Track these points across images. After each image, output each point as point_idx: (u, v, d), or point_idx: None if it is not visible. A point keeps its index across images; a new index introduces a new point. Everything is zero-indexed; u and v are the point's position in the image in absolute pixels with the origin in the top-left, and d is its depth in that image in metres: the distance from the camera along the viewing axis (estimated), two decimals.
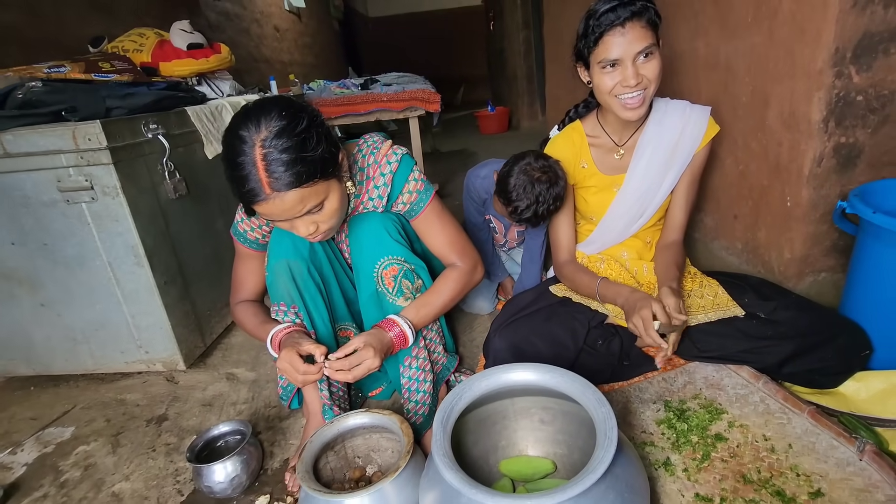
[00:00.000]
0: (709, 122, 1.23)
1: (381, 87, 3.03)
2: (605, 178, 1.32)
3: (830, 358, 1.07)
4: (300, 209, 0.88)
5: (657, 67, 1.08)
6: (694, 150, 1.24)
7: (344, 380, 0.97)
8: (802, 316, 1.12)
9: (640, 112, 1.13)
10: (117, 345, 1.47)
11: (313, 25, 7.19)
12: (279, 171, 0.83)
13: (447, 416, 0.82)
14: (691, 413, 1.08)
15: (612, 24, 1.05)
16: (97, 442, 1.28)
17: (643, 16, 1.05)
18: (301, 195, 0.86)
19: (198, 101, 1.69)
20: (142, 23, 2.64)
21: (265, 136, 0.83)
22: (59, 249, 1.35)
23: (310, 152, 0.85)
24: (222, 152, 0.88)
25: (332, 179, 0.92)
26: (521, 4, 5.48)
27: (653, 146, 1.23)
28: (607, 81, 1.11)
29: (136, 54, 1.83)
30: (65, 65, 1.46)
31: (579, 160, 1.32)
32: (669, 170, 1.25)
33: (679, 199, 1.30)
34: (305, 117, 0.87)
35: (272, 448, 1.20)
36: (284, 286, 1.08)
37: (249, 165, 0.83)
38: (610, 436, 0.72)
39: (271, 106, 0.86)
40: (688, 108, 1.23)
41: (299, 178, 0.84)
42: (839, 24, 1.13)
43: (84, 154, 1.23)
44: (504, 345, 1.18)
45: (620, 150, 1.28)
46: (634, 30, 1.04)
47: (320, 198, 0.90)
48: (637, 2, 1.05)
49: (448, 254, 1.18)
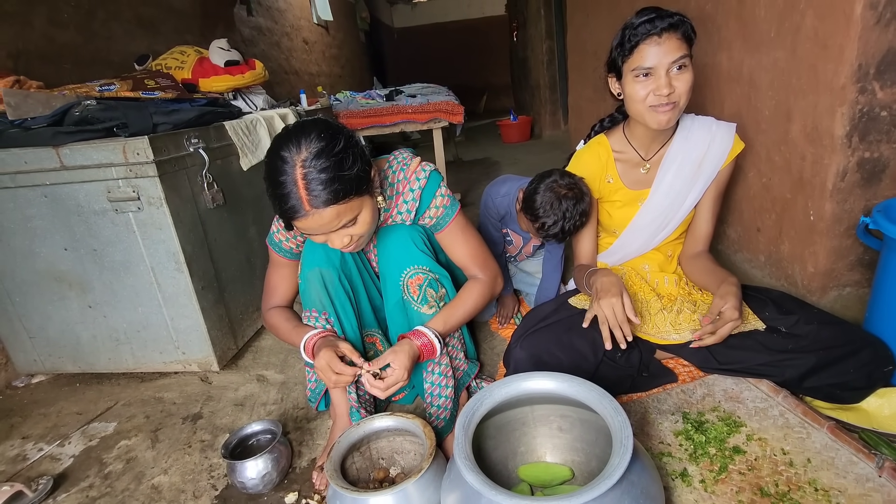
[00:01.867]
0: (734, 139, 1.25)
1: (406, 99, 3.10)
2: (630, 193, 1.34)
3: (852, 373, 1.06)
4: (336, 224, 0.94)
5: (689, 81, 1.11)
6: (719, 166, 1.26)
7: (377, 395, 1.03)
8: (824, 329, 1.11)
9: (673, 118, 1.15)
10: (157, 345, 1.56)
11: (340, 37, 7.38)
12: (318, 190, 0.89)
13: (468, 420, 0.86)
14: (709, 425, 1.09)
15: (648, 34, 1.08)
16: (137, 437, 1.36)
17: (679, 28, 1.08)
18: (337, 211, 0.92)
19: (234, 115, 1.79)
20: (182, 39, 2.79)
21: (305, 156, 0.89)
22: (107, 255, 1.45)
23: (346, 171, 0.91)
24: (265, 172, 0.94)
25: (366, 195, 0.98)
26: (544, 15, 5.52)
27: (679, 161, 1.26)
28: (640, 90, 1.13)
29: (177, 71, 1.95)
30: (114, 83, 1.57)
31: (605, 175, 1.34)
32: (695, 185, 1.27)
33: (704, 213, 1.32)
34: (342, 139, 0.93)
35: (300, 448, 1.26)
36: (316, 293, 1.14)
37: (290, 184, 0.89)
38: (626, 444, 0.75)
39: (311, 128, 0.92)
40: (714, 124, 1.25)
41: (336, 196, 0.90)
42: (862, 41, 1.14)
43: (132, 167, 1.32)
44: (525, 355, 1.21)
45: (647, 165, 1.30)
46: (670, 41, 1.08)
47: (355, 213, 0.96)
48: (675, 15, 1.08)
49: (471, 265, 1.23)
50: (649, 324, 1.25)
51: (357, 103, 3.12)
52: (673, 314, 1.23)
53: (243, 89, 2.12)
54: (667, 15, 1.08)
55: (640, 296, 1.32)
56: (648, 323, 1.25)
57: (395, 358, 1.04)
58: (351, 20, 8.18)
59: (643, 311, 1.28)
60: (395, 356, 1.04)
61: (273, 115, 1.95)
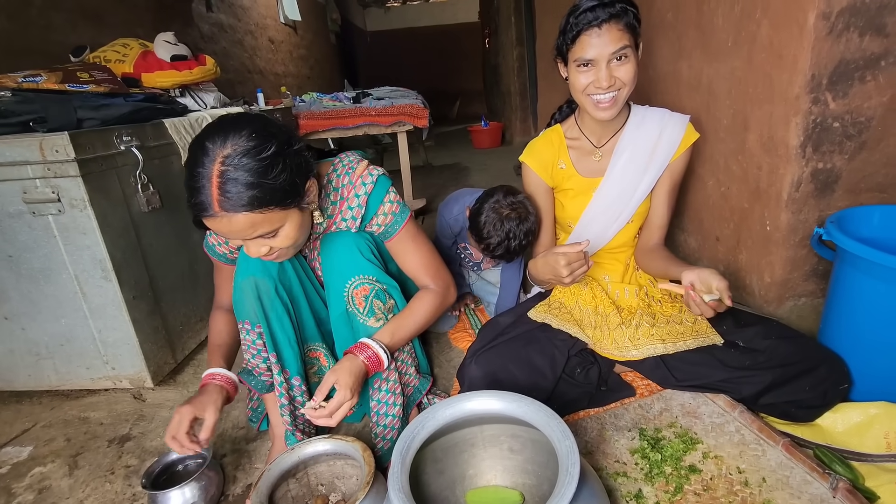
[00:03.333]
0: (687, 129, 1.23)
1: (373, 102, 3.03)
2: (583, 181, 1.31)
3: (808, 391, 1.04)
4: (250, 233, 0.87)
5: (631, 70, 1.09)
6: (671, 154, 1.24)
7: (326, 425, 0.95)
8: (782, 345, 1.09)
9: (612, 112, 1.14)
10: (83, 360, 1.43)
11: (309, 38, 7.24)
12: (232, 192, 0.81)
13: (407, 447, 0.79)
14: (666, 442, 1.06)
15: (589, 24, 1.05)
16: (54, 463, 1.23)
17: (621, 18, 1.05)
18: (251, 220, 0.84)
19: (178, 112, 1.67)
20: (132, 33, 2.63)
21: (228, 153, 0.82)
22: (24, 262, 1.31)
23: (269, 180, 0.83)
24: (187, 159, 0.86)
25: (292, 209, 0.90)
26: (515, 22, 5.54)
27: (631, 149, 1.24)
28: (581, 80, 1.11)
29: (118, 65, 1.82)
30: (41, 74, 1.43)
31: (557, 160, 1.32)
32: (646, 172, 1.25)
33: (659, 204, 1.30)
34: (275, 143, 0.85)
35: (235, 472, 1.16)
36: (250, 305, 1.05)
37: (204, 179, 0.81)
38: (572, 472, 0.70)
39: (244, 124, 0.85)
40: (666, 114, 1.25)
41: (251, 203, 0.83)
42: (815, 52, 1.13)
43: (51, 166, 1.20)
44: (480, 373, 1.15)
45: (598, 153, 1.28)
46: (611, 31, 1.05)
47: (274, 225, 0.89)
48: (617, 4, 1.05)
49: (422, 275, 1.17)
50: (608, 339, 1.21)
51: (321, 105, 3.03)
52: (632, 329, 1.19)
53: (192, 86, 2.00)
54: (608, 4, 1.04)
55: (601, 308, 1.28)
56: (608, 339, 1.21)
57: (337, 378, 0.96)
58: (321, 21, 8.04)
59: (602, 326, 1.24)
60: (335, 376, 0.96)
61: (222, 114, 1.84)
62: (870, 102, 1.18)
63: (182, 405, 1.00)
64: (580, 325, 1.26)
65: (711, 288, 0.98)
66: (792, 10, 1.17)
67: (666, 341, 1.16)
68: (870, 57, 1.14)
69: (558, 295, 1.36)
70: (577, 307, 1.31)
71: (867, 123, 1.20)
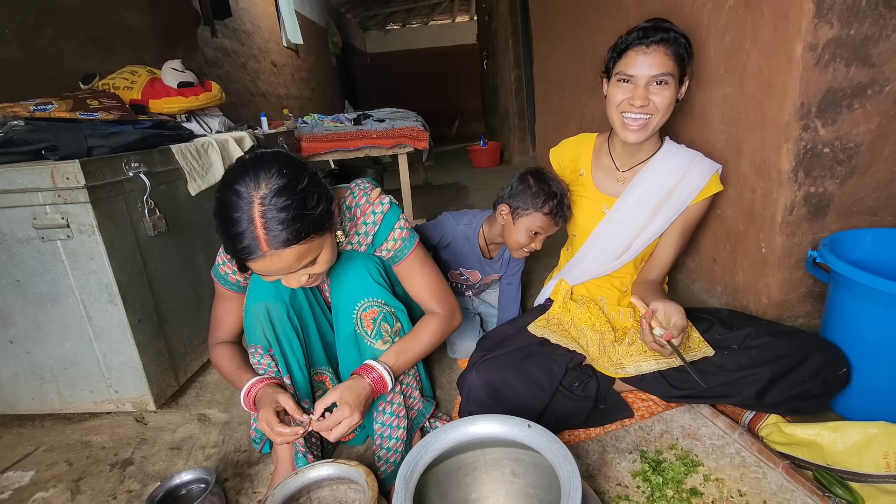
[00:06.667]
0: (711, 178, 1.23)
1: (373, 124, 3.08)
2: (597, 195, 1.32)
3: (808, 381, 1.05)
4: (297, 265, 0.88)
5: (669, 98, 1.11)
6: (689, 201, 1.24)
7: (328, 438, 0.95)
8: (775, 340, 1.11)
9: (639, 137, 1.16)
10: (86, 384, 1.43)
11: (311, 60, 7.38)
12: (277, 230, 0.82)
13: (410, 472, 0.79)
14: (667, 465, 1.06)
15: (638, 41, 1.09)
16: (56, 488, 1.23)
17: (671, 45, 1.08)
18: (298, 252, 0.86)
19: (184, 138, 1.71)
20: (140, 60, 2.71)
21: (264, 193, 0.82)
22: (31, 286, 1.33)
23: (309, 211, 0.85)
24: (216, 207, 0.85)
25: (327, 234, 0.93)
26: (512, 45, 5.66)
27: (650, 183, 1.25)
28: (618, 94, 1.15)
29: (126, 92, 1.87)
30: (52, 102, 1.48)
31: (579, 164, 1.35)
32: (658, 212, 1.25)
33: (666, 245, 1.31)
34: (306, 175, 0.87)
35: (238, 497, 1.16)
36: (261, 329, 1.07)
37: (246, 223, 0.81)
38: (574, 497, 0.70)
39: (270, 162, 0.85)
40: (696, 158, 1.24)
41: (298, 236, 0.84)
42: (803, 81, 1.17)
43: (61, 192, 1.23)
44: (480, 382, 1.17)
45: (621, 175, 1.30)
46: (657, 54, 1.08)
47: (316, 253, 0.91)
48: (670, 31, 1.08)
49: (428, 300, 1.18)
50: (604, 357, 1.22)
51: (323, 127, 3.08)
52: (625, 346, 1.21)
53: (198, 111, 2.04)
54: (661, 29, 1.08)
55: (597, 326, 1.30)
56: (603, 357, 1.22)
57: (339, 395, 0.96)
58: (322, 44, 8.21)
59: (599, 344, 1.25)
60: (338, 393, 0.97)
61: (227, 139, 1.88)
62: (858, 129, 1.21)
63: (258, 420, 0.96)
64: (578, 342, 1.28)
65: (670, 322, 1.00)
66: (780, 42, 1.21)
67: (658, 359, 1.17)
68: (856, 86, 1.18)
69: (557, 310, 1.38)
70: (573, 325, 1.32)
71: (856, 149, 1.23)
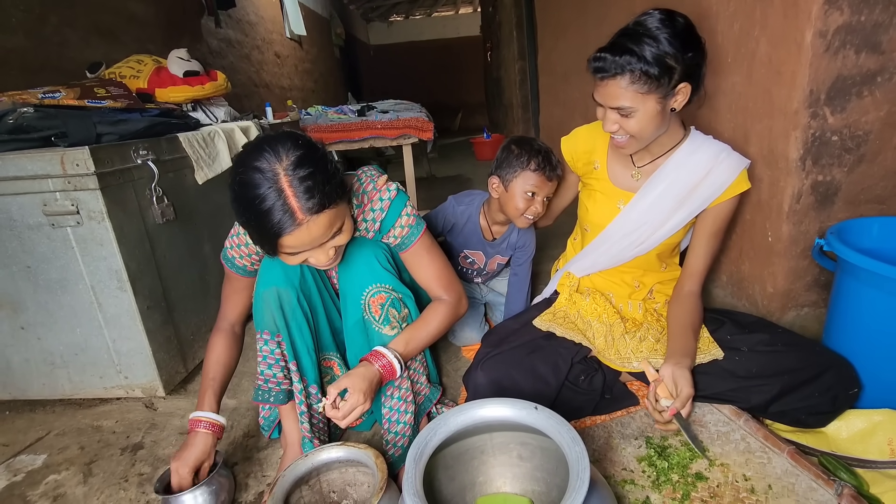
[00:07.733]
0: (739, 175, 1.15)
1: (378, 115, 3.08)
2: (613, 189, 1.27)
3: (817, 396, 1.04)
4: (328, 233, 0.89)
5: (639, 123, 1.06)
6: (713, 198, 1.17)
7: (340, 425, 0.97)
8: (789, 352, 1.09)
9: (631, 150, 1.14)
10: (96, 369, 1.45)
11: (314, 52, 7.36)
12: (308, 195, 0.83)
13: (420, 452, 0.81)
14: (672, 450, 1.07)
15: (594, 72, 1.06)
16: (69, 471, 1.25)
17: (626, 74, 1.00)
18: (329, 218, 0.87)
19: (191, 127, 1.72)
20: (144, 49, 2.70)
21: (287, 164, 0.83)
22: (42, 272, 1.35)
23: (331, 175, 0.87)
24: (236, 192, 0.85)
25: (345, 202, 0.94)
26: (516, 37, 5.62)
27: (672, 178, 1.17)
28: (598, 113, 1.13)
29: (132, 80, 1.87)
30: (60, 90, 1.48)
31: (593, 156, 1.31)
32: (679, 210, 1.19)
33: (697, 248, 1.23)
34: (319, 145, 0.91)
35: (247, 480, 1.18)
36: (271, 315, 1.07)
37: (275, 197, 0.81)
38: (582, 477, 0.71)
39: (283, 138, 0.87)
40: (724, 152, 1.16)
41: (330, 199, 0.86)
42: (813, 68, 1.17)
43: (71, 179, 1.23)
44: (485, 380, 1.17)
45: (637, 170, 1.25)
46: (614, 87, 1.03)
47: (342, 220, 0.92)
48: (624, 56, 0.98)
49: (435, 286, 1.19)
50: (612, 350, 1.22)
51: (327, 118, 3.08)
52: (636, 340, 1.21)
53: (203, 101, 2.05)
54: (611, 61, 1.00)
55: (604, 318, 1.30)
56: (611, 349, 1.23)
57: (351, 382, 0.98)
58: (325, 36, 8.17)
59: (605, 336, 1.25)
60: (350, 380, 0.98)
61: (234, 128, 1.89)
62: (867, 117, 1.21)
63: (175, 460, 1.02)
64: (584, 334, 1.28)
65: (676, 391, 1.01)
66: (789, 29, 1.21)
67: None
68: (866, 73, 1.17)
69: (563, 303, 1.38)
70: (580, 317, 1.32)
71: (865, 137, 1.23)
